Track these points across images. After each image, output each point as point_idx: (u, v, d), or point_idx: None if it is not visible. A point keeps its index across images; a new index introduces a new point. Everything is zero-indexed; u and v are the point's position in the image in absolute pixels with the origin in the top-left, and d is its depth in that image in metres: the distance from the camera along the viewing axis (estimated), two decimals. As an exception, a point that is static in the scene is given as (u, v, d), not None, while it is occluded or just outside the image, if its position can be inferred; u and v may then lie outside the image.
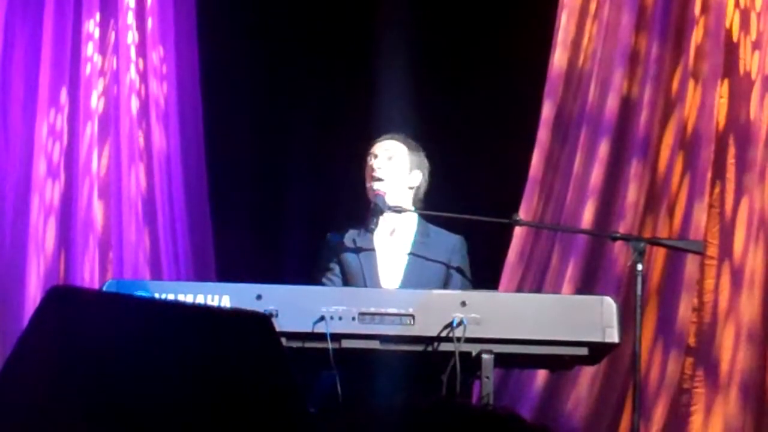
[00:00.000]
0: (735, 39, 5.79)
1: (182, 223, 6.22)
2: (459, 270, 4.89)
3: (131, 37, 6.25)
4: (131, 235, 6.10)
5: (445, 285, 4.85)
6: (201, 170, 6.32)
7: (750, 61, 5.76)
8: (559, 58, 5.96)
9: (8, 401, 2.36)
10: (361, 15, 6.41)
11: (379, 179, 4.91)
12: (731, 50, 5.78)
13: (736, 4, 5.80)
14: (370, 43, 6.26)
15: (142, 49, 6.27)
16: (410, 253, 4.91)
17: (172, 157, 6.24)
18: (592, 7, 5.98)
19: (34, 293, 5.96)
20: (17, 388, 2.37)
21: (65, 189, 6.13)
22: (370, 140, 5.11)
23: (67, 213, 6.12)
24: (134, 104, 6.22)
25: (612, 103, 5.85)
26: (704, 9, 5.80)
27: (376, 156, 4.98)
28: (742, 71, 5.77)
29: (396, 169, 4.96)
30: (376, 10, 6.32)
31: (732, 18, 5.80)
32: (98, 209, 6.15)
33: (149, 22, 6.26)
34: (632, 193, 5.77)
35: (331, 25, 6.50)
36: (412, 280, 4.84)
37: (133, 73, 6.23)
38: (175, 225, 6.20)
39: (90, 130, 6.17)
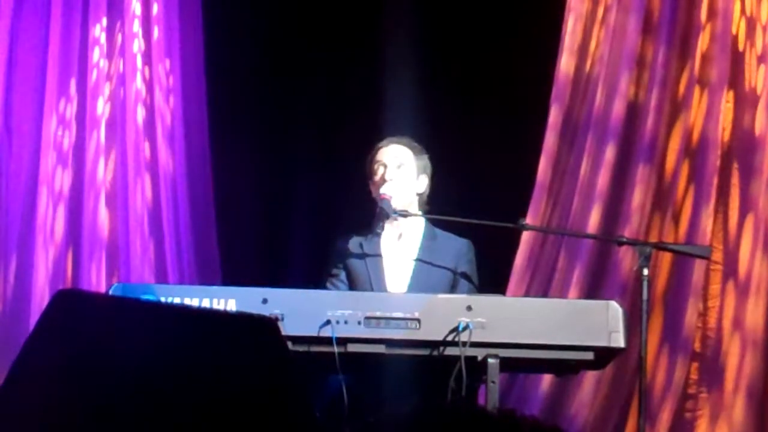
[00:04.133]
0: (741, 48, 5.79)
1: (187, 227, 6.22)
2: (465, 275, 4.89)
3: (137, 45, 6.26)
4: (137, 242, 6.11)
5: (452, 290, 4.85)
6: (207, 177, 6.31)
7: (756, 74, 5.76)
8: (566, 63, 5.97)
9: (15, 403, 2.37)
10: (368, 22, 6.41)
11: (390, 189, 4.91)
12: (737, 60, 5.78)
13: (742, 11, 5.80)
14: (377, 49, 6.26)
15: (147, 58, 6.27)
16: (417, 259, 4.91)
17: (177, 167, 6.24)
18: (600, 12, 5.99)
19: (42, 285, 5.98)
20: (24, 390, 2.37)
21: (73, 183, 6.15)
22: (374, 146, 5.11)
23: (76, 207, 6.13)
24: (140, 113, 6.22)
25: (618, 108, 5.85)
26: (711, 14, 5.80)
27: (385, 165, 4.96)
28: (747, 82, 5.77)
29: (405, 177, 4.97)
30: (384, 17, 6.33)
31: (738, 25, 5.80)
32: (104, 216, 6.15)
33: (155, 32, 6.26)
34: (638, 198, 5.77)
35: (338, 34, 6.50)
36: (419, 285, 4.84)
37: (139, 82, 6.23)
38: (180, 230, 6.20)
39: (96, 137, 6.17)
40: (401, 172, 4.96)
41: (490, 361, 4.23)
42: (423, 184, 5.03)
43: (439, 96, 6.24)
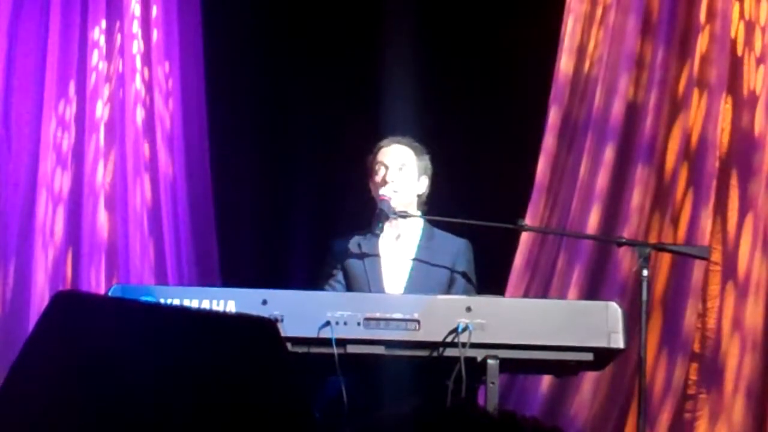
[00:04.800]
0: (740, 49, 5.79)
1: (186, 229, 6.21)
2: (463, 274, 4.89)
3: (136, 46, 6.25)
4: (136, 243, 6.11)
5: (450, 289, 4.85)
6: (206, 178, 6.31)
7: (755, 76, 5.76)
8: (565, 64, 5.97)
9: (14, 404, 2.37)
10: (366, 23, 6.41)
11: (393, 191, 4.91)
12: (736, 61, 5.78)
13: (741, 15, 5.80)
14: (375, 49, 6.26)
15: (147, 60, 6.26)
16: (415, 259, 4.91)
17: (176, 169, 6.23)
18: (598, 12, 5.98)
19: (41, 286, 5.97)
20: (23, 392, 2.37)
21: (73, 184, 6.15)
22: (375, 145, 5.11)
23: (76, 208, 6.13)
24: (139, 114, 6.21)
25: (617, 109, 5.85)
26: (710, 15, 5.80)
27: (387, 166, 4.96)
28: (746, 83, 5.77)
29: (407, 178, 4.96)
30: (382, 16, 6.33)
31: (737, 27, 5.80)
32: (104, 218, 6.15)
33: (154, 34, 6.25)
34: (637, 198, 5.77)
35: (337, 36, 6.50)
36: (416, 285, 4.84)
37: (138, 83, 6.23)
38: (179, 232, 6.19)
39: (95, 141, 6.17)
40: (403, 174, 4.95)
41: (490, 362, 4.23)
42: (423, 185, 5.03)
43: (438, 96, 6.24)
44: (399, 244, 4.95)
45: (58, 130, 6.16)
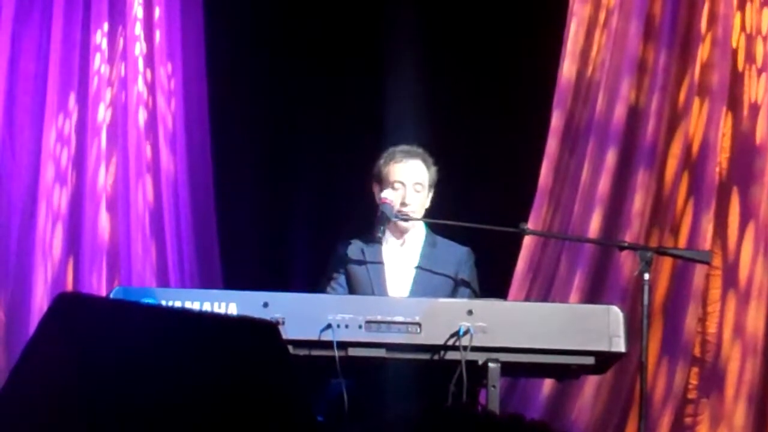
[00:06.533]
0: (741, 57, 5.78)
1: (188, 230, 6.21)
2: (466, 283, 4.88)
3: (139, 48, 6.25)
4: (138, 244, 6.11)
5: (453, 297, 4.84)
6: (208, 180, 6.31)
7: (756, 83, 5.75)
8: (568, 68, 5.97)
9: (16, 407, 2.37)
10: (370, 27, 6.41)
11: (411, 211, 4.90)
12: (737, 68, 5.78)
13: (742, 25, 5.80)
14: (379, 54, 6.26)
15: (149, 61, 6.26)
16: (418, 266, 4.90)
17: (178, 170, 6.23)
18: (601, 17, 5.99)
19: (40, 298, 5.97)
20: (25, 394, 2.37)
21: (73, 196, 6.14)
22: (378, 149, 5.10)
23: (76, 220, 6.12)
24: (142, 116, 6.22)
25: (620, 113, 5.85)
26: (711, 22, 5.80)
27: (404, 185, 4.92)
28: (747, 89, 5.76)
29: (422, 198, 4.95)
30: (385, 20, 6.33)
31: (738, 37, 5.79)
32: (105, 221, 6.15)
33: (157, 35, 6.26)
34: (639, 202, 5.77)
35: (340, 38, 6.50)
36: (419, 292, 4.83)
37: (140, 85, 6.23)
38: (181, 233, 6.20)
39: (96, 145, 6.17)
40: (419, 195, 4.93)
41: (491, 365, 4.23)
42: (429, 197, 5.02)
43: (441, 101, 6.24)
44: (403, 251, 4.94)
45: (60, 135, 6.16)
